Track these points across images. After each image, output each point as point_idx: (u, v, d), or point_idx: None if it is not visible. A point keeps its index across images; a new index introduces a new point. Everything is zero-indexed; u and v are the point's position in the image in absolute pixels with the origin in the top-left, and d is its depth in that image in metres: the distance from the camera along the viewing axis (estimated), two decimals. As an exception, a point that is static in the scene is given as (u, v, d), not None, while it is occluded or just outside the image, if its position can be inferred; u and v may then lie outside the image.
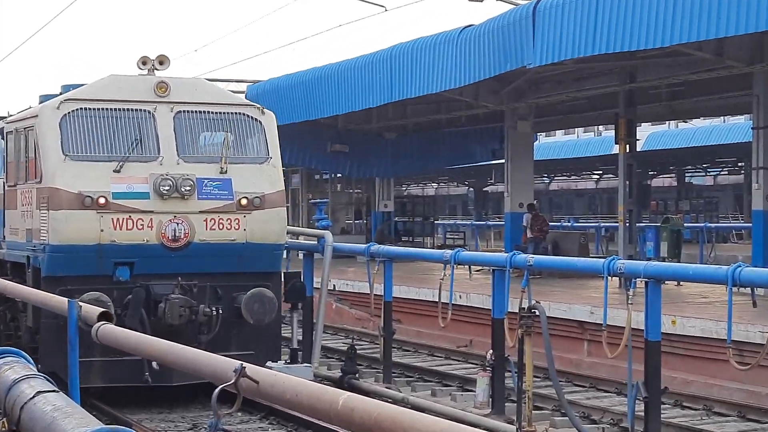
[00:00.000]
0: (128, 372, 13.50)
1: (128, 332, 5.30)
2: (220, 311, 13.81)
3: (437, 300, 15.17)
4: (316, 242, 17.34)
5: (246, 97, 29.98)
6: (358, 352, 16.66)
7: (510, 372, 12.81)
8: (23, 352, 4.71)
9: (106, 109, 14.17)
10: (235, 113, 14.70)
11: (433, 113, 29.45)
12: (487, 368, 13.61)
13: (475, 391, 14.13)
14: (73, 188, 13.66)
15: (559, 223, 44.12)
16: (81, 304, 6.18)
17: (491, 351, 13.50)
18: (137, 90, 14.43)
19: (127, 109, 14.27)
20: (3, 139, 16.15)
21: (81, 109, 14.11)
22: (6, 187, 15.89)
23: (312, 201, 24.86)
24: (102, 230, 13.68)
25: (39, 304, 7.17)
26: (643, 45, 16.97)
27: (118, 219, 13.76)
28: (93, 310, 5.93)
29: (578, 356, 17.23)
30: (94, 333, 5.55)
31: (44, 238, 13.86)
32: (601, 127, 56.38)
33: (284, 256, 15.66)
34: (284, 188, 14.93)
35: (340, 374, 15.84)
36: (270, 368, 4.87)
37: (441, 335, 19.86)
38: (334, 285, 23.54)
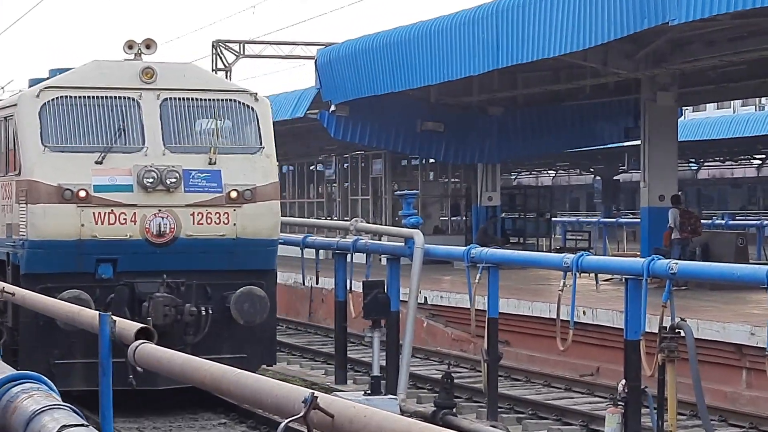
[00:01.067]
0: (112, 375, 14.48)
1: (172, 354, 5.36)
2: (210, 311, 15.61)
3: (555, 317, 15.08)
4: (402, 244, 17.37)
5: (316, 64, 30.23)
6: (455, 381, 16.66)
7: (648, 408, 12.70)
8: (44, 378, 4.79)
9: (89, 97, 16.02)
10: (227, 100, 16.48)
11: (550, 83, 29.28)
12: (619, 403, 13.52)
13: (602, 432, 14.06)
14: (52, 181, 15.38)
15: (710, 221, 43.57)
16: (115, 319, 6.26)
17: (623, 381, 13.41)
18: (122, 76, 16.14)
19: (111, 97, 16.04)
20: None
21: (62, 97, 15.87)
22: None
23: (398, 193, 24.84)
24: (83, 225, 15.35)
25: (66, 319, 7.32)
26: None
27: (99, 213, 15.50)
28: (129, 326, 6.01)
29: (734, 388, 17.02)
30: (131, 354, 5.62)
31: (23, 234, 15.62)
32: (764, 100, 55.54)
33: (363, 260, 16.21)
34: (278, 180, 16.89)
35: (434, 408, 15.86)
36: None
37: (560, 361, 19.76)
38: (425, 297, 23.56)
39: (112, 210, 15.62)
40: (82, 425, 4.16)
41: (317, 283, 23.18)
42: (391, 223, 33.64)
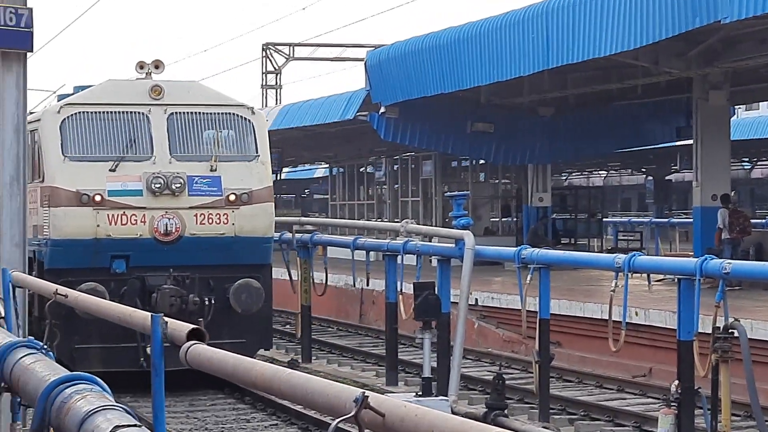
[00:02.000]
0: (125, 358, 17.39)
1: (224, 354, 5.38)
2: (212, 301, 17.99)
3: (606, 318, 15.03)
4: (453, 245, 17.36)
5: (365, 66, 30.27)
6: (506, 382, 16.63)
7: (701, 409, 12.62)
8: (98, 379, 4.82)
9: (104, 112, 18.21)
10: (227, 113, 18.86)
11: (601, 83, 29.14)
12: (672, 404, 13.45)
13: (655, 433, 13.99)
14: (71, 187, 17.71)
15: (764, 220, 43.22)
16: (167, 320, 6.30)
17: (676, 382, 13.34)
18: (133, 93, 18.50)
19: (123, 112, 18.36)
20: None
21: (80, 112, 18.22)
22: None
23: (448, 194, 24.89)
24: (98, 225, 17.65)
25: (118, 320, 7.38)
26: None
27: (113, 215, 17.80)
28: (181, 327, 6.04)
29: (789, 390, 16.87)
30: (183, 354, 5.64)
31: (46, 234, 17.98)
32: (817, 98, 54.93)
33: (413, 262, 16.31)
34: (272, 184, 19.18)
35: (485, 410, 15.85)
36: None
37: (612, 362, 19.68)
38: (476, 299, 23.55)
39: (124, 212, 17.91)
40: (135, 425, 4.18)
41: (368, 285, 23.22)
42: (441, 224, 33.63)
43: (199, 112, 18.71)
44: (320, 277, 23.09)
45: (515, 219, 36.89)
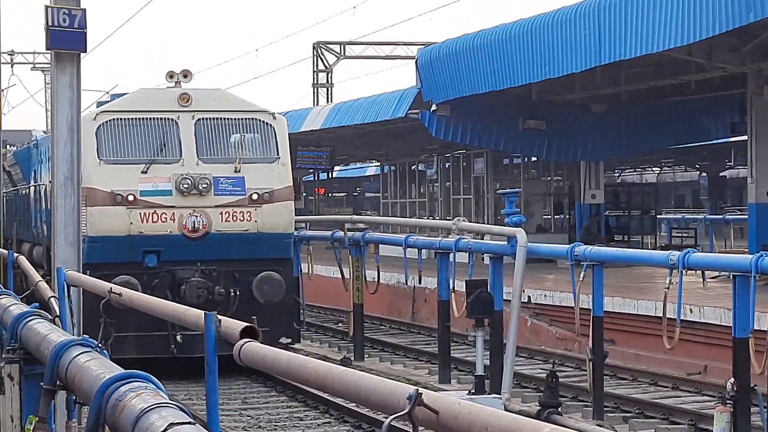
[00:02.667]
0: (158, 345, 18.88)
1: (277, 352, 5.40)
2: (237, 292, 19.45)
3: (661, 315, 14.94)
4: (505, 243, 17.33)
5: (416, 64, 30.27)
6: (560, 380, 16.59)
7: (757, 406, 12.52)
8: (151, 377, 4.85)
9: (136, 118, 19.57)
10: (250, 119, 20.32)
11: (654, 79, 28.97)
12: (728, 402, 13.35)
13: (711, 431, 13.89)
14: (106, 188, 19.25)
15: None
16: (220, 318, 6.33)
17: (732, 380, 13.24)
18: (163, 101, 20.01)
19: (154, 118, 19.79)
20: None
21: (114, 119, 19.68)
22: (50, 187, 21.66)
23: (500, 191, 24.88)
24: (131, 223, 19.10)
25: (172, 318, 7.45)
26: None
27: (145, 213, 19.27)
28: (234, 326, 6.07)
29: None
30: (237, 352, 5.67)
31: (84, 231, 18.17)
32: None
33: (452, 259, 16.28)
34: (292, 184, 20.56)
35: (538, 407, 15.81)
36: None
37: (666, 359, 19.58)
38: (528, 297, 23.49)
39: (155, 210, 19.41)
40: (190, 423, 4.20)
41: (420, 283, 23.20)
42: (493, 222, 33.56)
43: (224, 118, 20.13)
44: (372, 275, 23.11)
45: (568, 216, 36.74)
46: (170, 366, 18.94)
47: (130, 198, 19.24)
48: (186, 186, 19.44)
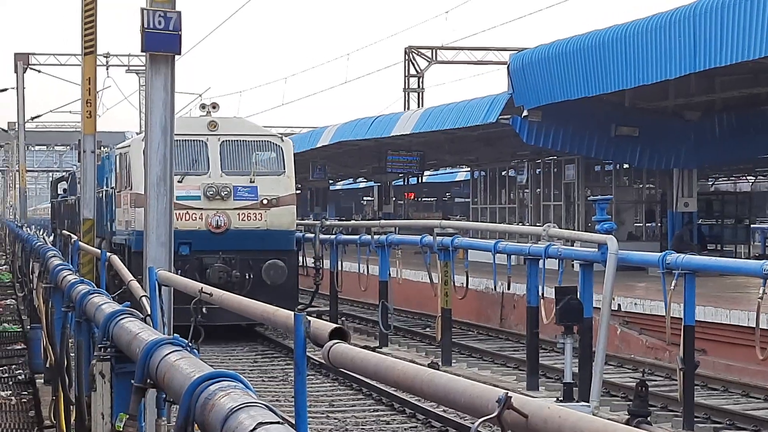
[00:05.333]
0: (185, 314, 20.51)
1: (366, 354, 5.40)
2: (251, 276, 25.01)
3: (754, 326, 14.75)
4: (595, 250, 17.22)
5: (508, 69, 30.19)
6: (650, 389, 16.43)
7: None
8: (240, 376, 4.88)
9: (175, 140, 22.43)
10: (262, 141, 26.32)
11: (749, 86, 28.61)
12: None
13: (804, 445, 13.68)
14: None
15: None
16: (310, 319, 6.34)
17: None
18: (196, 127, 25.46)
19: (188, 141, 25.03)
20: (116, 159, 28.43)
21: None
22: (115, 192, 28.36)
23: (591, 198, 24.76)
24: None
25: (260, 319, 7.50)
26: None
27: (179, 213, 22.97)
28: (323, 327, 6.07)
29: None
30: (325, 353, 5.68)
31: (133, 227, 25.07)
32: None
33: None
34: (294, 192, 26.26)
35: (627, 416, 15.68)
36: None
37: (759, 371, 19.32)
38: (618, 305, 23.31)
39: (187, 211, 24.68)
40: (278, 423, 4.22)
41: (508, 289, 23.10)
42: (584, 229, 33.34)
43: (243, 140, 25.82)
44: (461, 280, 23.07)
45: (659, 224, 36.42)
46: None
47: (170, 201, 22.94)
48: (212, 193, 25.02)
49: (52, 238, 40.08)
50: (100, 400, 6.81)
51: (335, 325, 5.99)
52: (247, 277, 25.00)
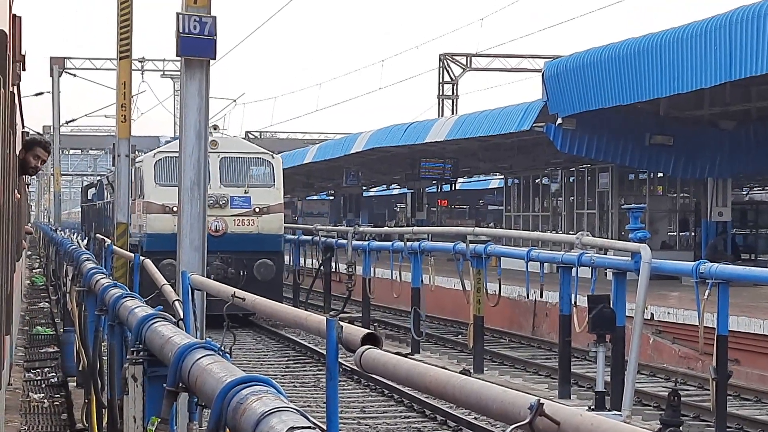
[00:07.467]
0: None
1: (398, 359, 5.39)
2: (244, 273, 29.15)
3: (788, 336, 14.67)
4: (629, 258, 17.16)
5: (543, 77, 30.14)
6: (682, 399, 16.35)
7: None
8: (272, 381, 4.87)
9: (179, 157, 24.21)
10: (256, 158, 30.73)
11: (786, 95, 28.45)
12: None
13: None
14: (159, 201, 29.29)
15: None
16: (342, 324, 6.33)
17: None
18: None
19: None
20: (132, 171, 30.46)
21: (166, 157, 29.47)
22: (130, 200, 30.36)
23: (625, 207, 24.71)
24: (175, 225, 24.39)
25: (293, 324, 7.51)
26: None
27: None
28: (356, 332, 6.06)
29: None
30: (357, 359, 5.67)
31: (144, 230, 29.54)
32: None
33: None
34: (282, 201, 30.87)
35: (659, 426, 15.60)
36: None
37: (792, 382, 19.20)
38: (651, 314, 23.22)
39: None
40: (310, 427, 4.21)
41: (541, 297, 23.05)
42: (617, 237, 33.23)
43: (239, 157, 30.29)
44: (493, 287, 23.04)
45: (693, 233, 36.26)
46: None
47: (175, 209, 25.21)
48: (211, 201, 27.09)
49: (86, 241, 40.36)
50: (132, 403, 6.82)
51: (368, 331, 5.98)
52: (240, 274, 29.09)
